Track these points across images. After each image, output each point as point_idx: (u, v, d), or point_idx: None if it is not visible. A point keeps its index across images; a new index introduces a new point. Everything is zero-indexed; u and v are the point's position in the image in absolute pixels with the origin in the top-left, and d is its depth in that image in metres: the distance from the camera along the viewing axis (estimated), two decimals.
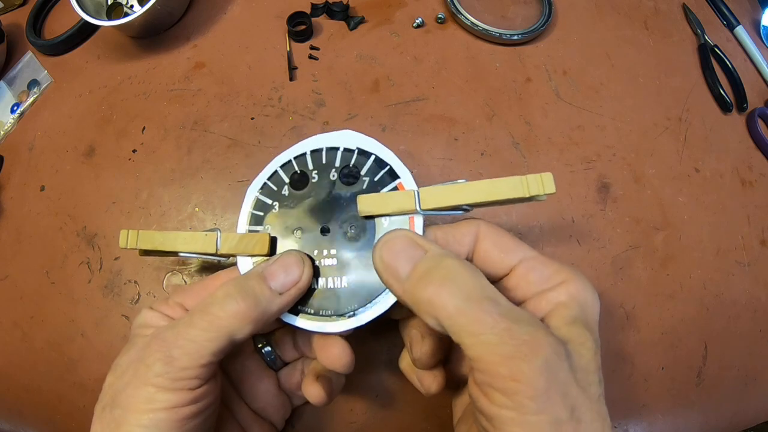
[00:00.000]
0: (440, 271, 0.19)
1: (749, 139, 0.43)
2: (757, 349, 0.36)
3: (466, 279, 0.19)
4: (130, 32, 0.44)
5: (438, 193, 0.22)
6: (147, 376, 0.20)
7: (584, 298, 0.21)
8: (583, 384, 0.17)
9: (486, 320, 0.17)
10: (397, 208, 0.23)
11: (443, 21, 0.43)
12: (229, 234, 0.25)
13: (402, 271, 0.20)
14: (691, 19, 0.47)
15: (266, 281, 0.22)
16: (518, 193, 0.21)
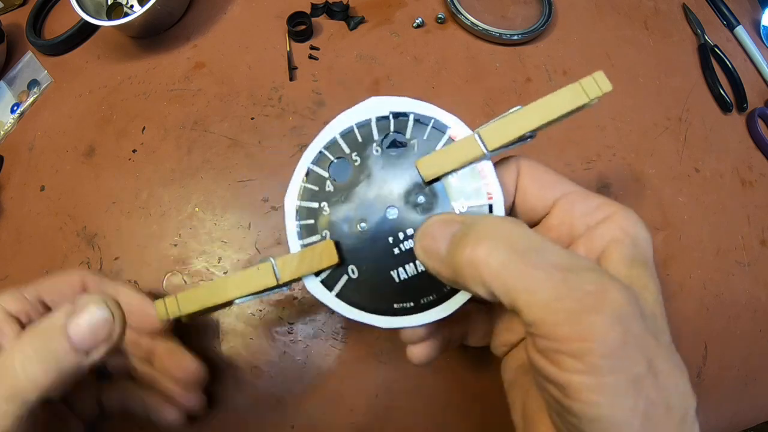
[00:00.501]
0: (476, 231, 0.17)
1: (749, 139, 0.43)
2: (757, 349, 0.36)
3: (506, 231, 0.16)
4: (130, 32, 0.44)
5: (499, 128, 0.20)
6: None
7: (637, 233, 0.19)
8: (653, 331, 0.16)
9: (537, 274, 0.15)
10: (463, 158, 0.21)
11: (443, 21, 0.43)
12: (285, 257, 0.21)
13: (441, 249, 0.18)
14: (691, 19, 0.47)
15: (70, 339, 0.18)
16: (577, 101, 0.20)
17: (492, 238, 0.16)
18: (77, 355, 0.19)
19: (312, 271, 0.21)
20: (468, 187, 0.21)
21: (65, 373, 0.18)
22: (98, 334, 0.19)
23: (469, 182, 0.21)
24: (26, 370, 0.18)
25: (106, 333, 0.19)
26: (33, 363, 0.18)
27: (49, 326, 0.19)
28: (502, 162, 0.22)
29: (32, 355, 0.18)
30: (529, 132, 0.20)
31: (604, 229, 0.19)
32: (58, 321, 0.19)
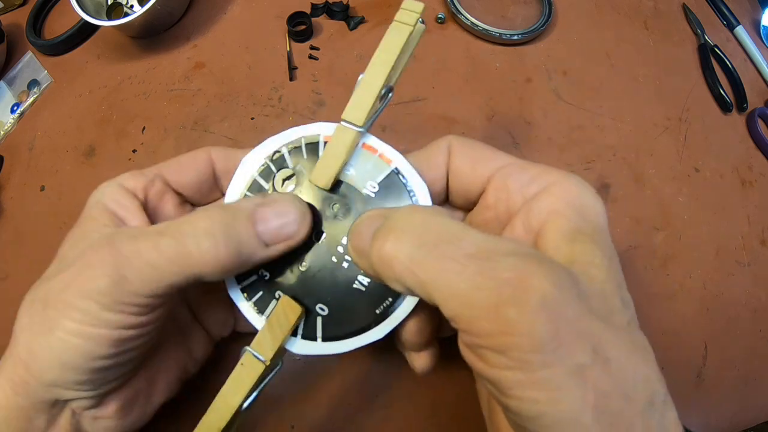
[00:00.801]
0: (387, 224, 0.16)
1: (749, 139, 0.43)
2: (757, 349, 0.36)
3: (418, 221, 0.15)
4: (130, 32, 0.44)
5: (356, 102, 0.20)
6: (89, 289, 0.17)
7: (582, 202, 0.17)
8: (601, 313, 0.14)
9: (449, 266, 0.14)
10: (344, 148, 0.20)
11: (443, 21, 0.43)
12: (257, 338, 0.20)
13: (366, 245, 0.16)
14: (691, 19, 0.47)
15: (255, 225, 0.18)
16: (402, 34, 0.19)
17: (400, 230, 0.15)
18: (257, 244, 0.18)
19: (286, 334, 0.20)
20: (367, 168, 0.20)
21: (239, 258, 0.18)
22: (283, 229, 0.19)
23: (365, 164, 0.21)
24: (201, 245, 0.17)
25: (291, 231, 0.19)
26: (210, 241, 0.17)
27: (237, 207, 0.18)
28: (433, 142, 0.21)
29: (213, 233, 0.17)
30: (384, 89, 0.20)
31: (542, 202, 0.17)
32: (248, 205, 0.19)
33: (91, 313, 0.17)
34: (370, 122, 0.20)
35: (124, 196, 0.20)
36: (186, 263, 0.17)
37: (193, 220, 0.18)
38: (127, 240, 0.17)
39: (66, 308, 0.17)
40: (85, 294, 0.17)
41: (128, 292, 0.17)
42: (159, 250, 0.17)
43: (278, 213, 0.19)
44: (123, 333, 0.17)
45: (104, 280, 0.17)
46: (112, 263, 0.17)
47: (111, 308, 0.17)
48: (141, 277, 0.17)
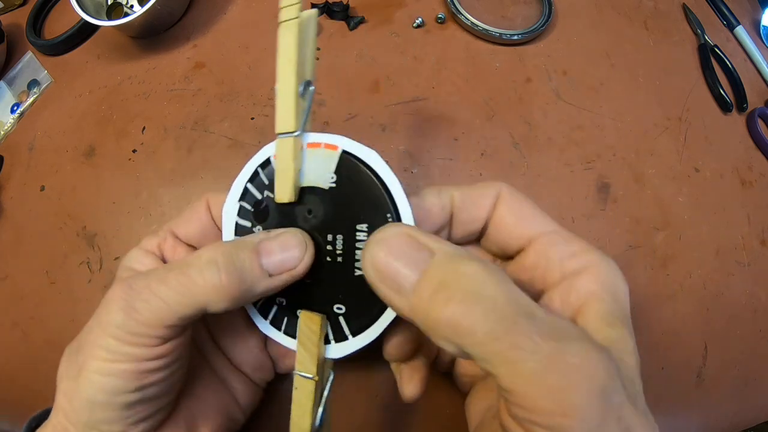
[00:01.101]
0: (460, 283, 0.15)
1: (749, 139, 0.43)
2: (757, 349, 0.36)
3: (495, 291, 0.15)
4: (130, 32, 0.44)
5: (280, 108, 0.21)
6: (107, 325, 0.18)
7: (616, 287, 0.17)
8: (632, 398, 0.15)
9: (525, 344, 0.14)
10: (289, 159, 0.20)
11: (443, 21, 0.43)
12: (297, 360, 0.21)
13: (405, 281, 0.16)
14: (691, 19, 0.47)
15: (259, 257, 0.19)
16: (291, 29, 0.20)
17: (480, 298, 0.15)
18: (261, 274, 0.19)
19: (318, 344, 0.21)
20: (319, 164, 0.21)
21: (242, 286, 0.18)
22: (287, 260, 0.19)
23: (316, 161, 0.21)
24: (204, 274, 0.18)
25: (294, 262, 0.19)
26: (214, 270, 0.18)
27: (242, 240, 0.20)
28: (482, 183, 0.21)
29: (216, 261, 0.18)
30: (301, 87, 0.20)
31: (582, 282, 0.17)
32: (253, 238, 0.20)
33: (110, 348, 0.18)
34: (302, 123, 0.20)
35: (144, 255, 0.23)
36: (191, 293, 0.18)
37: (199, 253, 0.19)
38: (140, 278, 0.19)
39: (91, 348, 0.19)
40: (105, 331, 0.18)
41: (140, 323, 0.18)
42: (166, 282, 0.18)
43: (282, 246, 0.20)
44: (142, 365, 0.18)
45: (119, 314, 0.18)
46: (124, 298, 0.18)
47: (127, 341, 0.18)
48: (150, 308, 0.18)
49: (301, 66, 0.20)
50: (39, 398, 0.35)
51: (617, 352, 0.16)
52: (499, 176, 0.37)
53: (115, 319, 0.18)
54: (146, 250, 0.23)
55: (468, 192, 0.21)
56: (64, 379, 0.20)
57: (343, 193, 0.20)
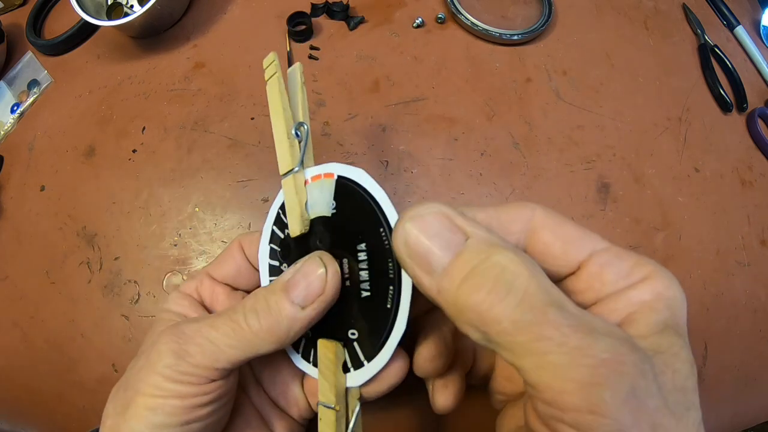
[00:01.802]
0: (492, 270, 0.14)
1: (749, 139, 0.43)
2: (757, 349, 0.36)
3: (526, 280, 0.14)
4: (130, 32, 0.44)
5: (280, 152, 0.22)
6: (157, 364, 0.19)
7: (673, 297, 0.16)
8: (677, 409, 0.14)
9: (552, 335, 0.13)
10: (293, 195, 0.22)
11: (443, 21, 0.43)
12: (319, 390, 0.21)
13: (437, 261, 0.15)
14: (691, 19, 0.47)
15: (288, 294, 0.20)
16: (275, 84, 0.22)
17: (510, 287, 0.14)
18: (294, 309, 0.20)
19: (336, 372, 0.21)
20: (322, 195, 0.22)
21: (281, 327, 0.19)
22: (312, 287, 0.20)
23: (319, 192, 0.22)
24: (247, 320, 0.20)
25: (319, 287, 0.20)
26: (254, 316, 0.20)
27: (276, 282, 0.20)
28: (511, 204, 0.19)
29: (255, 308, 0.20)
30: (294, 129, 0.22)
31: (634, 293, 0.16)
32: (285, 278, 0.20)
33: (158, 386, 0.19)
34: (300, 159, 0.22)
35: (183, 298, 0.24)
36: (239, 338, 0.19)
37: (244, 301, 0.20)
38: (190, 323, 0.20)
39: (139, 386, 0.19)
40: (153, 371, 0.19)
41: (189, 364, 0.19)
42: (216, 328, 0.20)
43: (304, 274, 0.20)
44: (188, 401, 0.19)
45: (169, 356, 0.19)
46: (175, 341, 0.19)
47: (175, 379, 0.19)
48: (202, 351, 0.19)
49: (292, 112, 0.23)
50: (38, 398, 0.35)
51: (666, 357, 0.15)
52: (499, 176, 0.37)
53: (165, 360, 0.19)
54: (184, 293, 0.24)
55: (494, 215, 0.18)
56: (111, 416, 0.20)
57: (342, 217, 0.21)
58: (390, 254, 0.19)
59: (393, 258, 0.19)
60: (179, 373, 0.19)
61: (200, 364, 0.19)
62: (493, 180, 0.37)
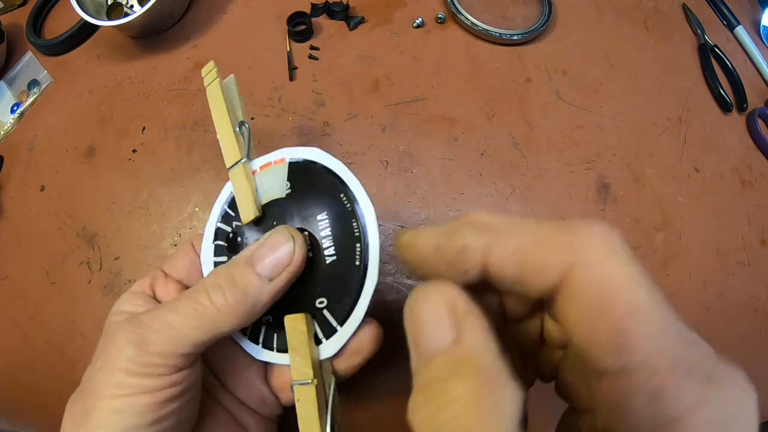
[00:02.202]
0: (441, 414, 0.12)
1: (749, 139, 0.43)
2: (757, 350, 0.36)
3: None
4: (130, 32, 0.44)
5: (225, 147, 0.23)
6: (117, 360, 0.18)
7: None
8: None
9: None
10: (243, 183, 0.22)
11: (443, 21, 0.43)
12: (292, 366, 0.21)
13: (423, 347, 0.13)
14: (691, 19, 0.47)
15: (254, 267, 0.19)
16: (215, 90, 0.24)
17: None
18: (261, 282, 0.19)
19: (308, 344, 0.21)
20: (273, 180, 0.23)
21: (248, 299, 0.19)
22: (280, 259, 0.20)
23: (270, 178, 0.23)
24: (211, 297, 0.19)
25: (287, 257, 0.20)
26: (219, 292, 0.19)
27: (237, 258, 0.20)
28: (556, 231, 0.14)
29: (219, 284, 0.19)
30: (235, 128, 0.23)
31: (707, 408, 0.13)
32: (246, 253, 0.20)
33: (121, 383, 0.18)
34: (246, 152, 0.23)
35: (136, 297, 0.23)
36: (203, 317, 0.19)
37: (203, 281, 0.20)
38: (147, 313, 0.19)
39: (100, 388, 0.18)
40: (113, 367, 0.18)
41: (152, 354, 0.18)
42: (176, 310, 0.19)
43: (271, 246, 0.20)
44: (156, 396, 0.18)
45: (129, 348, 0.18)
46: (133, 332, 0.18)
47: (138, 372, 0.18)
48: (163, 337, 0.18)
49: (232, 114, 0.24)
50: (38, 398, 0.35)
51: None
52: (499, 176, 0.37)
53: (125, 353, 0.18)
54: (136, 293, 0.23)
55: (531, 251, 0.14)
56: (70, 429, 0.19)
57: (298, 194, 0.22)
58: (352, 215, 0.21)
59: (356, 218, 0.21)
60: (142, 365, 0.18)
61: (163, 351, 0.18)
62: (493, 180, 0.37)
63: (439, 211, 0.36)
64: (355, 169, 0.21)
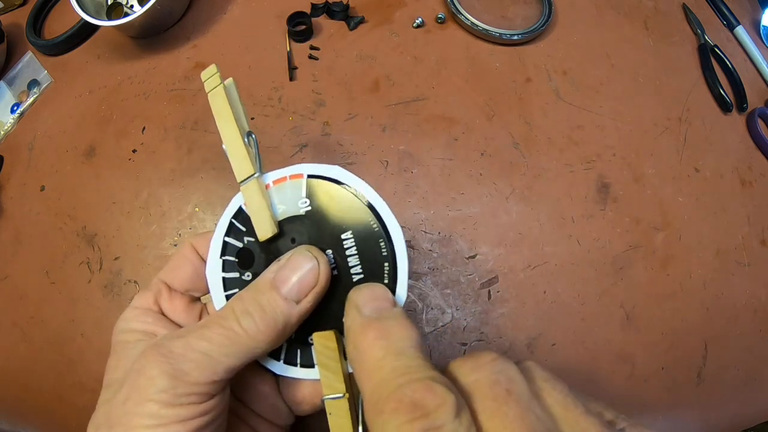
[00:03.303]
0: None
1: (749, 139, 0.43)
2: (757, 349, 0.36)
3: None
4: (130, 32, 0.44)
5: (234, 160, 0.22)
6: (149, 391, 0.18)
7: None
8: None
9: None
10: (258, 199, 0.22)
11: (443, 21, 0.43)
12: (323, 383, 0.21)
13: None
14: (691, 19, 0.47)
15: (279, 290, 0.20)
16: (219, 95, 0.22)
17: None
18: (288, 305, 0.20)
19: (338, 361, 0.21)
20: (289, 195, 0.22)
21: (278, 324, 0.19)
22: (305, 280, 0.20)
23: (285, 193, 0.22)
24: (242, 324, 0.19)
25: (312, 279, 0.20)
26: (249, 319, 0.19)
27: (259, 281, 0.20)
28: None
29: (248, 310, 0.19)
30: (244, 138, 0.22)
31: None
32: (268, 276, 0.20)
33: (154, 414, 0.18)
34: (258, 165, 0.22)
35: (143, 314, 0.22)
36: (235, 343, 0.19)
37: (229, 306, 0.20)
38: (175, 339, 0.19)
39: (131, 419, 0.18)
40: (145, 398, 0.18)
41: (188, 383, 0.18)
42: (208, 339, 0.19)
43: (293, 268, 0.20)
44: (190, 424, 0.18)
45: (162, 379, 0.18)
46: (166, 362, 0.18)
47: (173, 403, 0.18)
48: (198, 366, 0.18)
49: (239, 122, 0.23)
50: (38, 398, 0.35)
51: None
52: (499, 176, 0.37)
53: (159, 385, 0.18)
54: (143, 309, 0.23)
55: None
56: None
57: (319, 212, 0.22)
58: (380, 235, 0.21)
59: (383, 238, 0.21)
60: (177, 395, 0.18)
61: (198, 381, 0.18)
62: (493, 180, 0.37)
63: (439, 211, 0.36)
64: (355, 169, 0.22)
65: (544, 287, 0.34)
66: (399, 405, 0.14)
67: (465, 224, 0.36)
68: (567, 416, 0.16)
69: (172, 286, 0.24)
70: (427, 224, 0.36)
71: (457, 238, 0.35)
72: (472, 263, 0.35)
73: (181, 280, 0.24)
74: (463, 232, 0.35)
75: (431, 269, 0.34)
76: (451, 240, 0.35)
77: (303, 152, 0.38)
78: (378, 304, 0.19)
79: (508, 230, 0.36)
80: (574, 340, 0.34)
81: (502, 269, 0.35)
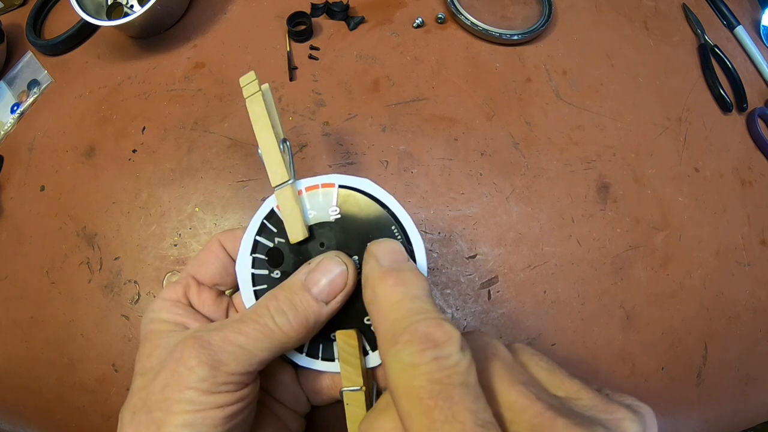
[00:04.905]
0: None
1: (749, 139, 0.43)
2: (757, 349, 0.36)
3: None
4: (130, 32, 0.44)
5: (270, 167, 0.23)
6: (189, 379, 0.19)
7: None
8: None
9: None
10: (292, 204, 0.23)
11: (443, 21, 0.43)
12: (343, 375, 0.23)
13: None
14: (691, 19, 0.47)
15: (310, 291, 0.22)
16: (257, 101, 0.24)
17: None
18: (318, 305, 0.21)
19: (359, 356, 0.23)
20: (320, 202, 0.24)
21: (309, 321, 0.21)
22: (335, 284, 0.22)
23: (317, 200, 0.24)
24: (276, 321, 0.21)
25: (342, 282, 0.22)
26: (283, 317, 0.21)
27: (291, 282, 0.22)
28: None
29: (282, 309, 0.21)
30: (279, 144, 0.24)
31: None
32: (300, 277, 0.22)
33: (193, 401, 0.19)
34: (292, 172, 0.24)
35: (173, 306, 0.24)
36: (270, 338, 0.21)
37: (263, 303, 0.22)
38: (213, 332, 0.21)
39: (170, 404, 0.19)
40: (185, 386, 0.19)
41: (225, 373, 0.20)
42: (245, 333, 0.21)
43: (324, 272, 0.22)
44: (227, 410, 0.20)
45: (202, 368, 0.19)
46: (205, 353, 0.20)
47: (211, 391, 0.19)
48: (235, 358, 0.20)
49: (275, 128, 0.24)
50: (38, 398, 0.35)
51: None
52: (499, 176, 0.37)
53: (199, 374, 0.19)
54: (173, 300, 0.24)
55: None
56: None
57: (348, 220, 0.24)
58: (404, 244, 0.23)
59: (408, 244, 0.23)
60: (216, 384, 0.19)
61: (235, 371, 0.20)
62: (493, 180, 0.37)
63: (439, 211, 0.36)
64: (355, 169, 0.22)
65: (544, 287, 0.34)
66: (413, 337, 0.16)
67: (465, 224, 0.36)
68: (552, 379, 0.19)
69: (201, 280, 0.26)
70: (427, 224, 0.36)
71: (457, 238, 0.35)
72: (472, 263, 0.35)
73: (210, 274, 0.26)
74: (463, 232, 0.35)
75: (431, 269, 0.35)
76: (451, 240, 0.35)
77: (303, 152, 0.38)
78: (395, 256, 0.21)
79: (508, 230, 0.36)
80: (574, 339, 0.34)
81: (502, 269, 0.35)
